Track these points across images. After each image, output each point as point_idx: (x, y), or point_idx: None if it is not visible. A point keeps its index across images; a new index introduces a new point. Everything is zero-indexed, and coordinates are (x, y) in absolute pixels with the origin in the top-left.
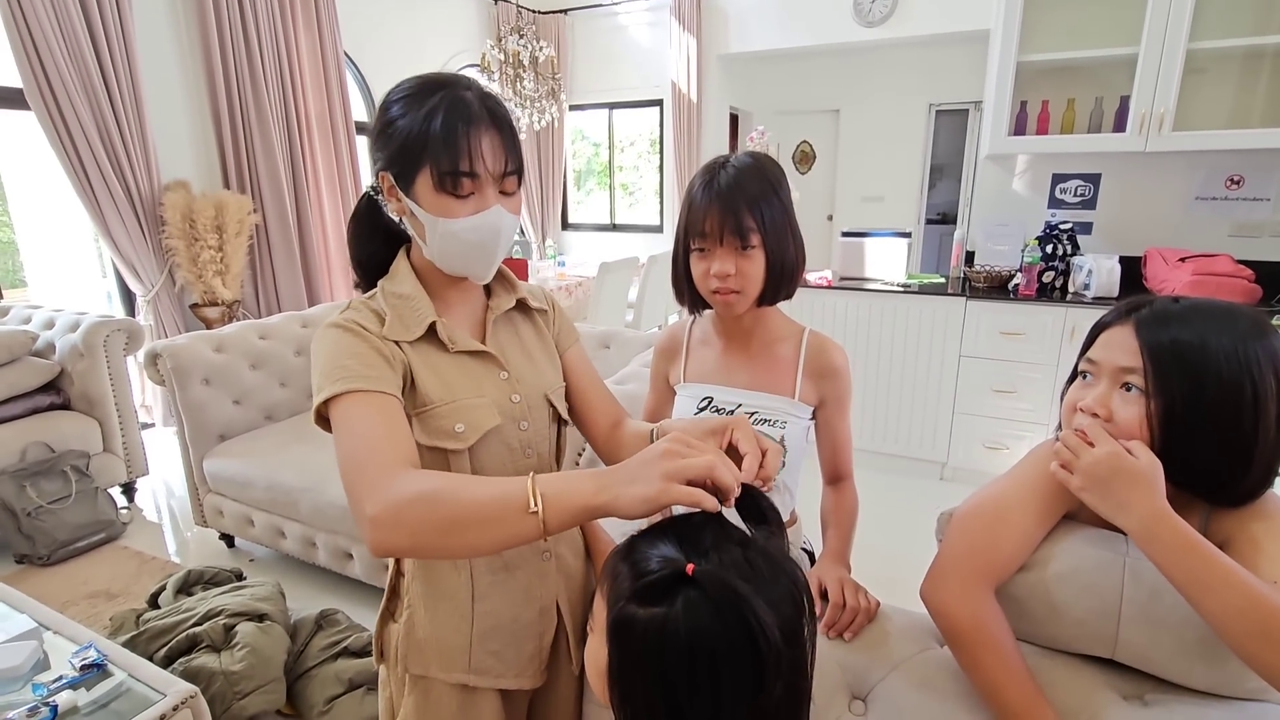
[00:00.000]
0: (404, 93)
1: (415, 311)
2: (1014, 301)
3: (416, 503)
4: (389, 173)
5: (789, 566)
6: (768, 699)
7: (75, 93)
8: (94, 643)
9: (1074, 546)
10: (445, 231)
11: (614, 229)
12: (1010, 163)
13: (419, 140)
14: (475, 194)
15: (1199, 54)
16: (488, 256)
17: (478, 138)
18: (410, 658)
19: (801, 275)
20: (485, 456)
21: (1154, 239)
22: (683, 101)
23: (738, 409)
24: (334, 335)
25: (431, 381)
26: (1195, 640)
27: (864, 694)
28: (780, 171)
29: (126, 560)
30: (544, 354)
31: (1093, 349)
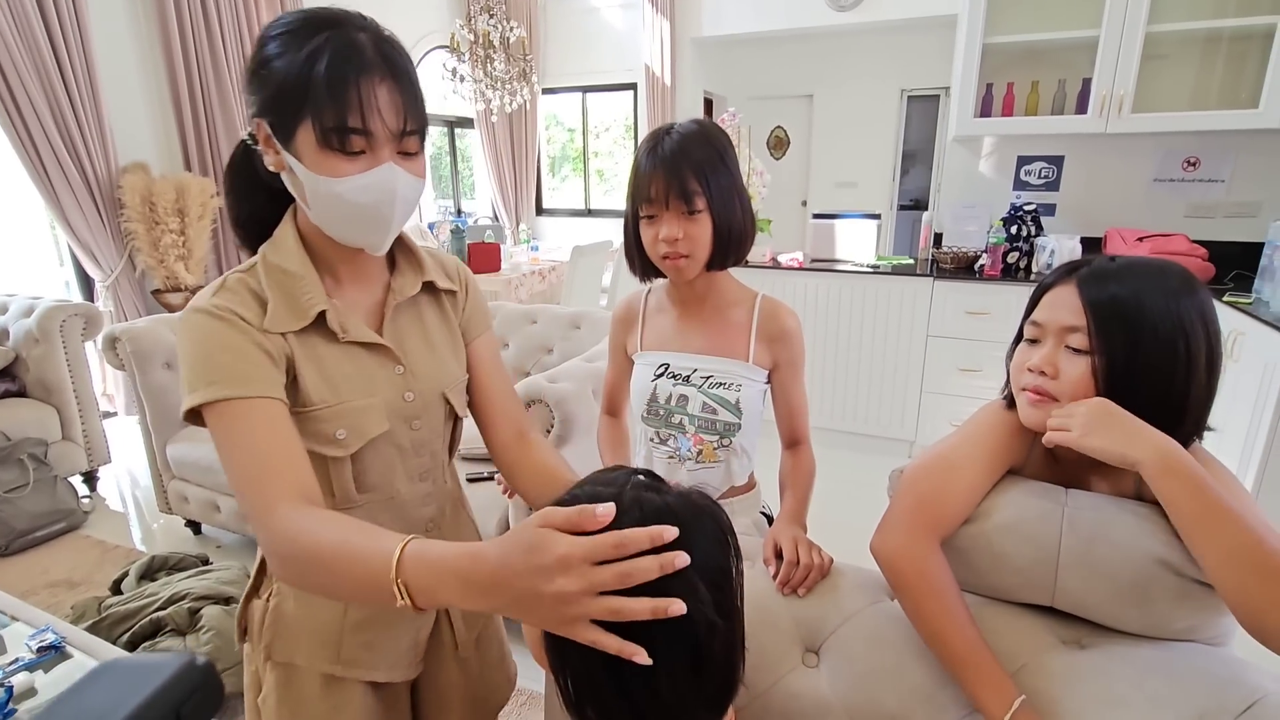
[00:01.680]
0: (283, 27)
1: (303, 294)
2: (980, 281)
3: (294, 561)
4: (264, 120)
5: (710, 507)
6: (707, 660)
7: (26, 73)
8: (51, 626)
9: (1016, 498)
10: (329, 192)
11: (589, 214)
12: (977, 145)
13: (299, 87)
14: (367, 153)
15: (1158, 37)
16: (382, 222)
17: (371, 89)
18: (275, 643)
19: (751, 241)
20: (371, 458)
21: (1114, 219)
22: (656, 85)
23: (693, 374)
24: (205, 324)
25: (315, 379)
26: (1128, 584)
27: (817, 646)
28: (726, 138)
29: (88, 549)
30: (448, 344)
31: (1037, 310)
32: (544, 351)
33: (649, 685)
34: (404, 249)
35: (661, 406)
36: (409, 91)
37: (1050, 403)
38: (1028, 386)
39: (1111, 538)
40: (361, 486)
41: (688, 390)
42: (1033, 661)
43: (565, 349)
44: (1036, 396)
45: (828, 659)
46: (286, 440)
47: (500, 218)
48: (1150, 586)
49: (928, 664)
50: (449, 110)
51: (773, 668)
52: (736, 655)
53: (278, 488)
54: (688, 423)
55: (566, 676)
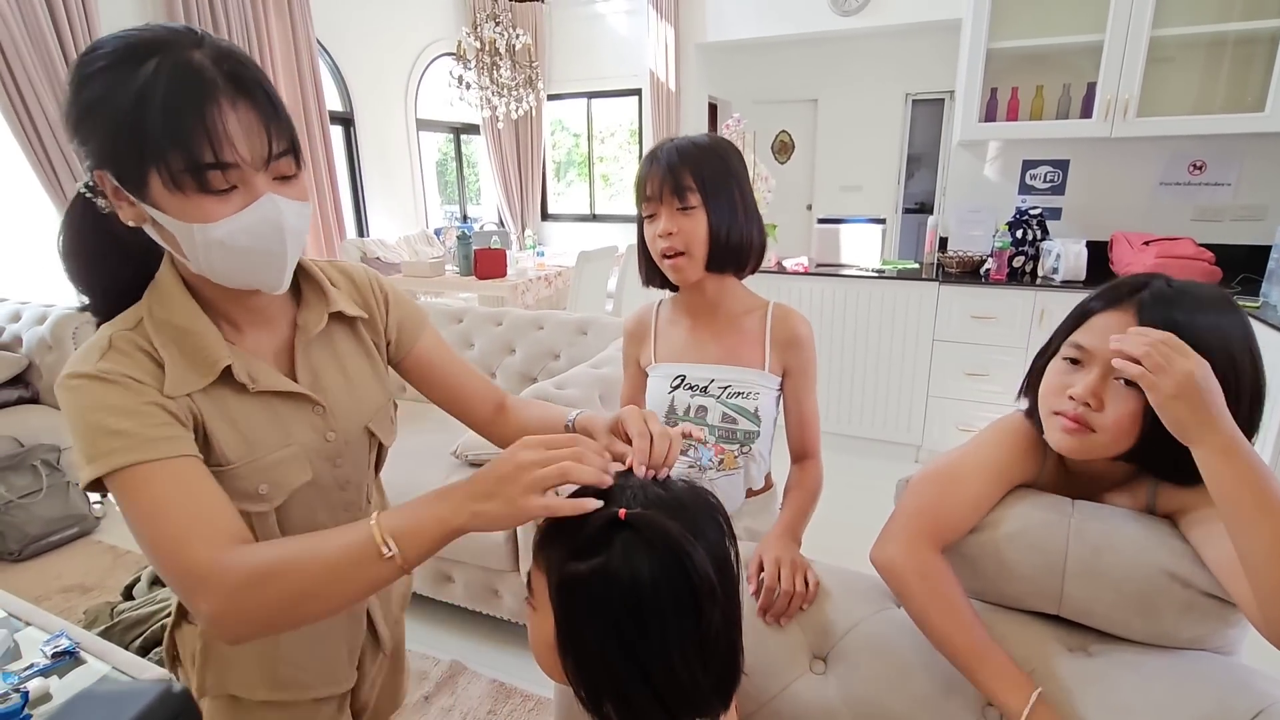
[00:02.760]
0: (104, 59)
1: (201, 350)
2: (985, 286)
3: (255, 586)
4: (106, 173)
5: (705, 495)
6: (707, 626)
7: (38, 80)
8: (65, 631)
9: (1022, 510)
10: (206, 240)
11: (594, 219)
12: (982, 149)
13: (134, 132)
14: (239, 186)
15: (1163, 41)
16: (275, 261)
17: (218, 116)
18: (208, 678)
19: (757, 251)
20: (294, 505)
21: (1120, 223)
22: (661, 91)
23: (710, 384)
24: (93, 390)
25: (228, 436)
26: (1134, 594)
27: (824, 653)
28: (732, 149)
29: (100, 554)
30: (366, 371)
31: (1083, 334)
32: (551, 357)
33: (664, 660)
34: (306, 278)
35: (680, 418)
36: (266, 109)
37: (1087, 433)
38: (1065, 412)
39: (1118, 548)
40: (286, 533)
41: (706, 401)
42: (1040, 668)
43: (572, 355)
44: (1074, 425)
45: (835, 666)
46: (210, 493)
47: (506, 223)
48: (1157, 597)
49: (935, 671)
50: (454, 117)
51: (781, 674)
52: (736, 635)
53: (211, 542)
54: (708, 434)
55: (584, 672)
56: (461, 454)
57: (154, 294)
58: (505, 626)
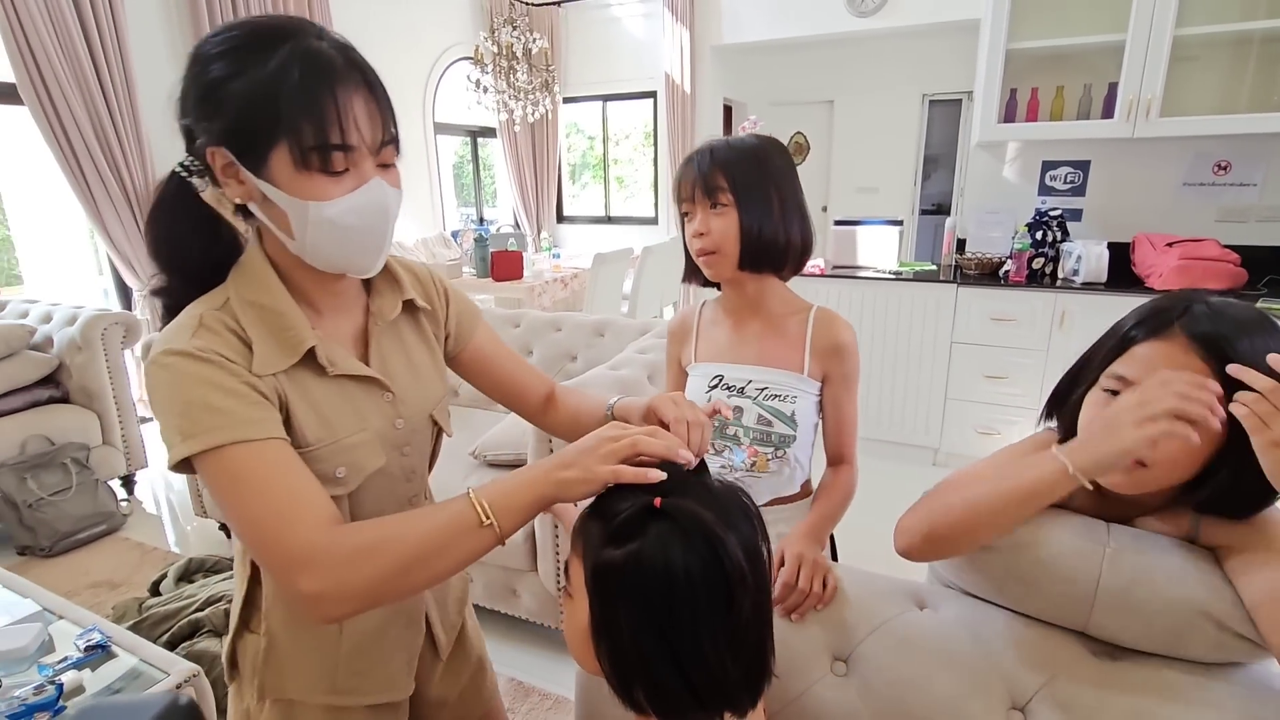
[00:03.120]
0: (230, 43)
1: (287, 330)
2: (1005, 288)
3: (360, 562)
4: (220, 150)
5: (738, 491)
6: (738, 614)
7: (68, 87)
8: (97, 625)
9: (1055, 535)
10: (320, 218)
11: (609, 221)
12: (1001, 150)
13: (268, 106)
14: (350, 170)
15: (1186, 40)
16: (375, 243)
17: (348, 100)
18: (269, 680)
19: (798, 250)
20: (366, 492)
21: (1142, 225)
22: (676, 93)
23: (748, 385)
24: (190, 369)
25: (309, 418)
26: (1164, 630)
27: (845, 655)
28: (775, 150)
29: (128, 551)
30: (430, 363)
31: (1126, 364)
32: (568, 359)
33: (695, 643)
34: (383, 269)
35: (718, 420)
36: (384, 99)
37: (1139, 468)
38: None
39: (1154, 581)
40: (356, 519)
41: (742, 402)
42: (1064, 673)
43: (589, 356)
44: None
45: (857, 668)
46: (305, 476)
47: (522, 225)
48: (1188, 634)
49: (957, 674)
50: (471, 120)
51: (803, 674)
52: (767, 630)
53: (313, 524)
54: (742, 434)
55: (616, 658)
56: (480, 454)
57: (240, 276)
58: (524, 626)
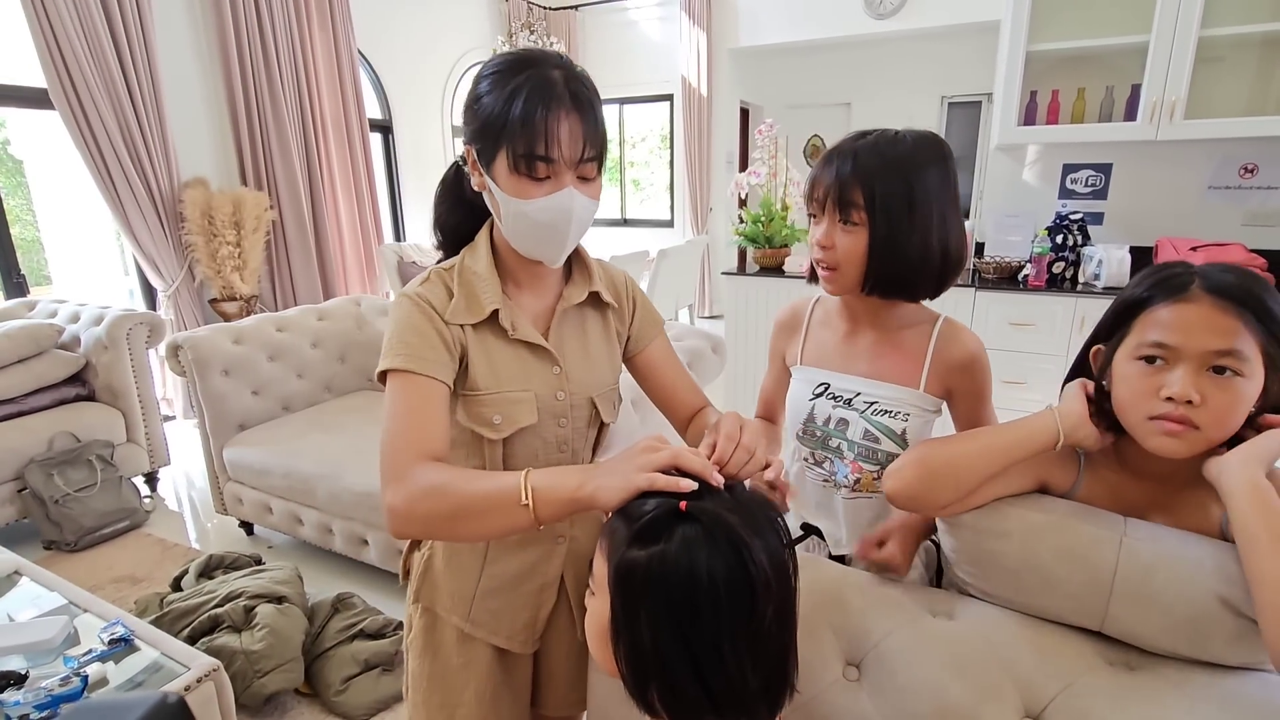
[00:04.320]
0: (495, 68)
1: (483, 293)
2: (1024, 292)
3: (426, 497)
4: (473, 148)
5: (765, 503)
6: (760, 621)
7: (98, 92)
8: (121, 619)
9: (1071, 524)
10: (517, 211)
11: (625, 224)
12: (1021, 153)
13: (499, 120)
14: (551, 178)
15: (1212, 41)
16: (558, 239)
17: (556, 122)
18: (423, 589)
19: (935, 278)
20: (519, 447)
21: (1166, 229)
22: (693, 96)
23: (856, 397)
24: (407, 307)
25: (483, 368)
26: (1183, 619)
27: (857, 660)
28: (934, 156)
29: (150, 547)
30: (605, 353)
31: (1158, 330)
32: None
33: (715, 647)
34: (579, 261)
35: (819, 428)
36: (590, 123)
37: (1191, 430)
38: (1169, 415)
39: (1172, 571)
40: (509, 469)
41: (849, 414)
42: (1079, 682)
43: None
44: (1179, 427)
45: (868, 673)
46: (434, 416)
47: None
48: (1208, 624)
49: (970, 681)
50: None
51: (814, 679)
52: (789, 640)
53: (417, 452)
54: (846, 448)
55: (633, 658)
56: None
57: (470, 249)
58: None
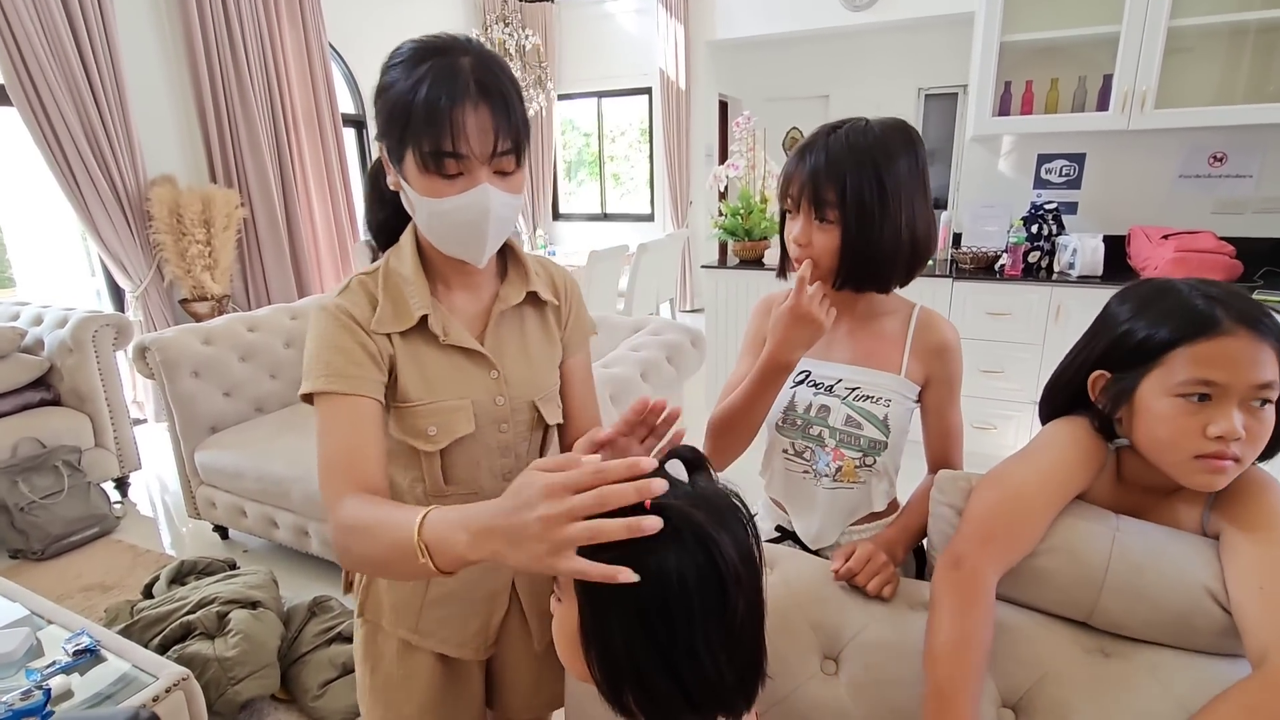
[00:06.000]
0: (401, 57)
1: (411, 297)
2: (1000, 282)
3: (347, 534)
4: (383, 144)
5: (730, 494)
6: (733, 615)
7: (58, 88)
8: (86, 629)
9: (1067, 522)
10: (432, 211)
11: (605, 218)
12: (996, 144)
13: (403, 115)
14: (464, 174)
15: (1182, 31)
16: (478, 238)
17: (463, 114)
18: (367, 603)
19: (905, 268)
20: (458, 456)
21: (1138, 217)
22: (671, 89)
23: (837, 384)
24: (324, 322)
25: (414, 378)
26: (1173, 614)
27: (835, 654)
28: (905, 145)
29: (120, 553)
30: (546, 354)
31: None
32: None
33: (689, 647)
34: (515, 259)
35: (800, 416)
36: (501, 113)
37: (1234, 464)
38: (1221, 453)
39: (1161, 567)
40: (449, 480)
41: (830, 401)
42: (1053, 670)
43: None
44: (1226, 463)
45: (846, 667)
46: (367, 439)
47: (517, 223)
48: (1196, 619)
49: None
50: None
51: (792, 674)
52: (760, 631)
53: (348, 481)
54: (827, 435)
55: (606, 662)
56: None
57: (395, 250)
58: None
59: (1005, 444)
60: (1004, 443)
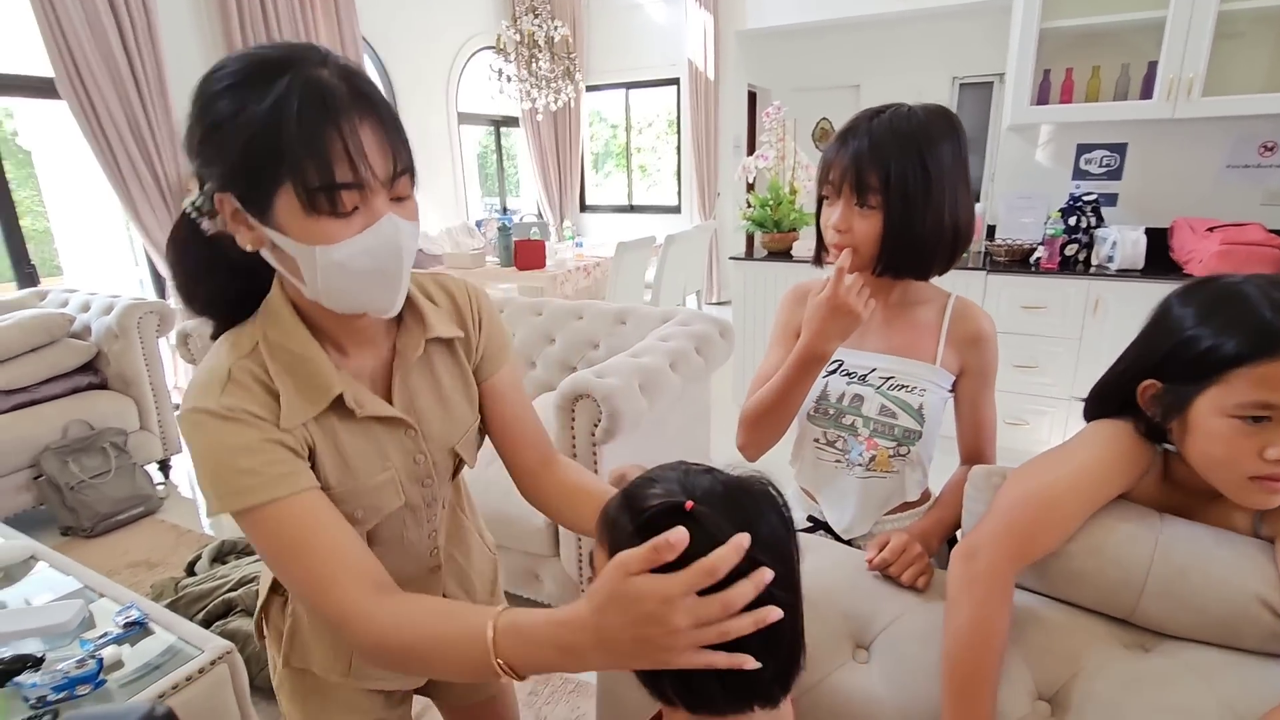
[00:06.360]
0: (231, 77)
1: (314, 377)
2: (1036, 275)
3: (389, 652)
4: (229, 195)
5: (766, 483)
6: None
7: (103, 81)
8: (136, 603)
9: (1107, 522)
10: (329, 263)
11: (631, 210)
12: (1034, 134)
13: (269, 146)
14: (360, 208)
15: (1231, 15)
16: (390, 283)
17: (354, 132)
18: (292, 652)
19: (947, 256)
20: (384, 523)
21: (1182, 209)
22: (700, 80)
23: (871, 373)
24: (218, 429)
25: (333, 462)
26: (1217, 619)
27: (867, 643)
28: (948, 130)
29: (164, 532)
30: (461, 393)
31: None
32: (590, 347)
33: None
34: (407, 302)
35: (832, 405)
36: (393, 127)
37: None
38: (1270, 475)
39: (1208, 570)
40: (374, 542)
41: (864, 390)
42: (1092, 665)
43: (611, 344)
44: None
45: (878, 656)
46: (338, 531)
47: (545, 214)
48: (1242, 624)
49: None
50: (495, 110)
51: (824, 662)
52: (798, 623)
53: (350, 587)
54: (861, 425)
55: None
56: None
57: (267, 317)
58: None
59: (1038, 440)
60: (1037, 438)
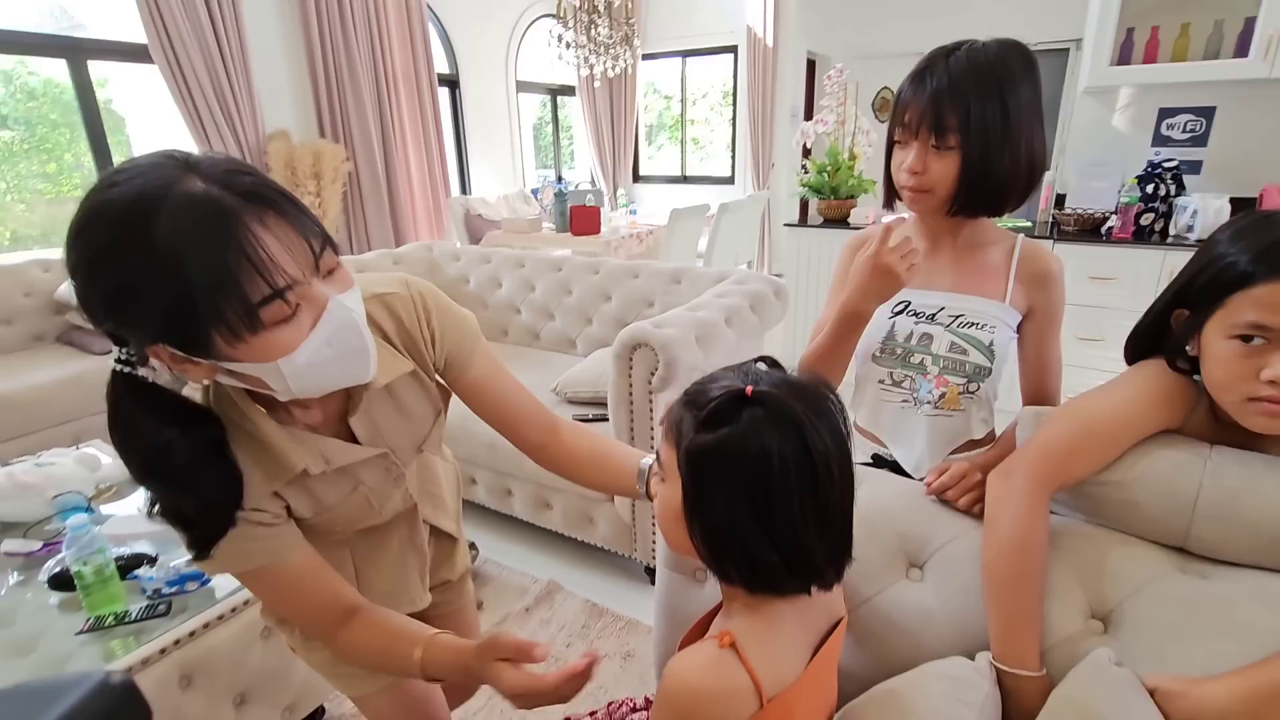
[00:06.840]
0: (103, 237)
1: (277, 461)
2: (1107, 245)
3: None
4: (162, 348)
5: (826, 385)
6: (827, 493)
7: (192, 47)
8: None
9: (1156, 453)
10: (296, 369)
11: (685, 180)
12: (1111, 97)
13: (181, 302)
14: (302, 303)
15: None
16: (360, 356)
17: (259, 244)
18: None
19: (1022, 192)
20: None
21: (1274, 175)
22: (758, 47)
23: (939, 312)
24: None
25: (302, 502)
26: (1270, 539)
27: (921, 562)
28: (1025, 66)
29: None
30: (421, 402)
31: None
32: (645, 305)
33: (787, 519)
34: None
35: (900, 345)
36: (291, 211)
37: None
38: (1268, 398)
39: (1259, 492)
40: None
41: (932, 329)
42: (1147, 587)
43: (666, 302)
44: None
45: (931, 574)
46: (319, 573)
47: (599, 184)
48: None
49: None
50: (552, 78)
51: (877, 578)
52: (849, 510)
53: (330, 620)
54: (930, 363)
55: (709, 536)
56: (560, 391)
57: (219, 401)
58: (599, 553)
59: None
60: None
